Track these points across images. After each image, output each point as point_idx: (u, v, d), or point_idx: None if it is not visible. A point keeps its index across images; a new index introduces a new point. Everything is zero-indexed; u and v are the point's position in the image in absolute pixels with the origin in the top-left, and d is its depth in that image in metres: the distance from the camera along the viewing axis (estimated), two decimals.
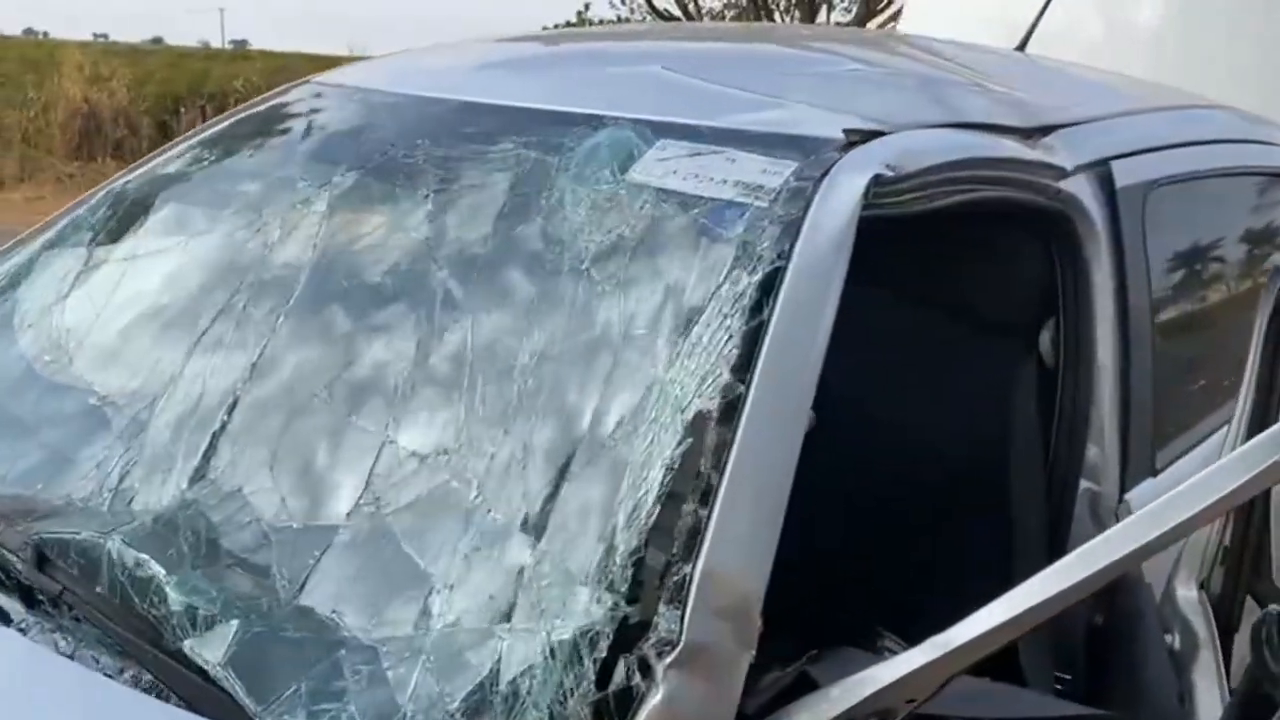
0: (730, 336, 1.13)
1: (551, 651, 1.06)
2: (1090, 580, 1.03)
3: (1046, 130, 1.66)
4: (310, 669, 1.10)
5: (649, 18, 14.70)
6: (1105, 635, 1.70)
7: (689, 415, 1.11)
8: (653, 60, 1.70)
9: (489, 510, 1.18)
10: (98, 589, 1.18)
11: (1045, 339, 1.77)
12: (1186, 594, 1.56)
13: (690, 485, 1.08)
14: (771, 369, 1.11)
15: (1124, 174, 1.72)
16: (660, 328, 1.18)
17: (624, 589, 1.06)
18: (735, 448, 1.08)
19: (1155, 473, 1.77)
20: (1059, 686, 1.66)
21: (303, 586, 1.19)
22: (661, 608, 1.04)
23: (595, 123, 1.41)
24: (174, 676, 1.10)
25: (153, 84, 15.18)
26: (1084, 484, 1.72)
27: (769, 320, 1.13)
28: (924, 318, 1.93)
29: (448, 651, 1.10)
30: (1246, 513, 1.51)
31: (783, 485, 1.10)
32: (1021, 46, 2.72)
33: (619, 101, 1.46)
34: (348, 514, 1.24)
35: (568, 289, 1.26)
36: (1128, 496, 1.72)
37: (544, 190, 1.35)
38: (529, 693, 1.05)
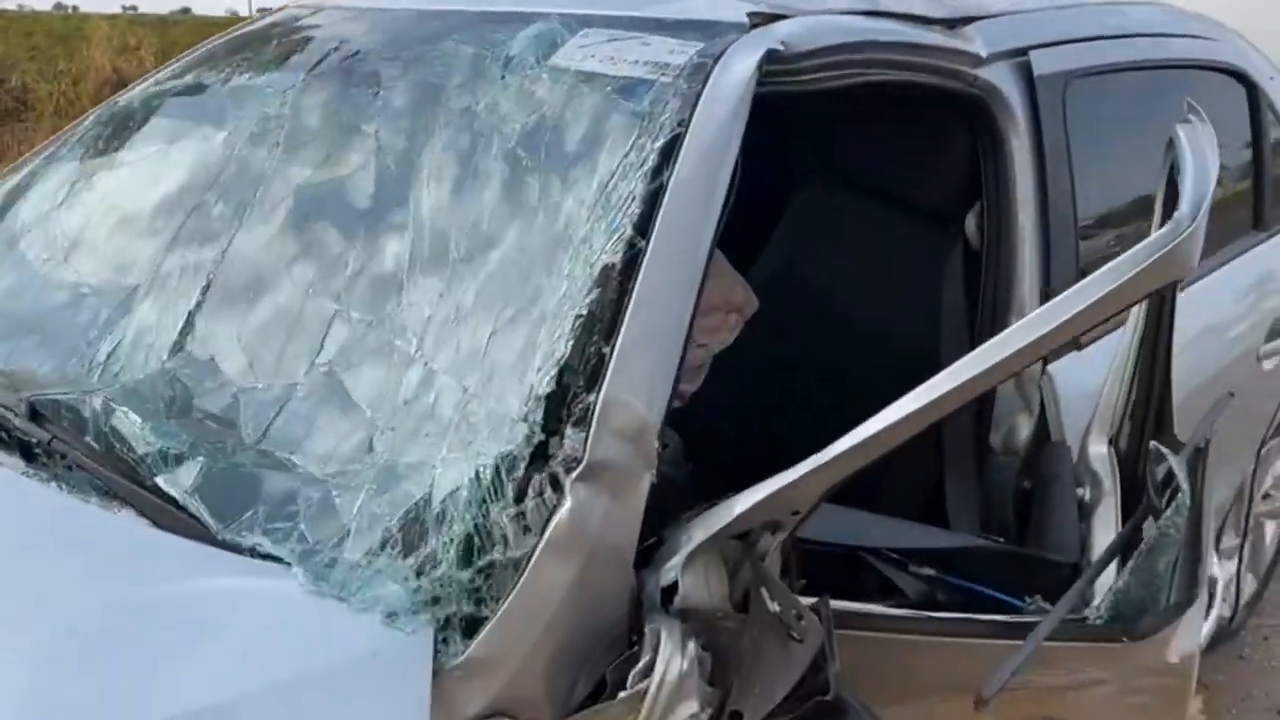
0: (634, 197, 1.26)
1: (477, 475, 1.20)
2: (949, 396, 1.15)
3: (965, 20, 1.76)
4: (267, 497, 1.25)
5: None
6: (1030, 497, 1.82)
7: (597, 268, 1.24)
8: None
9: (426, 362, 1.32)
10: (86, 439, 1.33)
11: (971, 222, 1.88)
12: (1098, 450, 1.68)
13: (595, 328, 1.21)
14: (669, 225, 1.24)
15: (1043, 64, 1.81)
16: (576, 194, 1.31)
17: (538, 418, 1.19)
18: (634, 294, 1.21)
19: (1079, 346, 1.88)
20: None
21: (264, 434, 1.34)
22: (569, 431, 1.18)
23: (526, 19, 1.54)
24: (150, 506, 1.25)
25: (179, 50, 15.33)
26: None
27: (668, 182, 1.25)
28: (863, 203, 2.04)
29: (388, 481, 1.24)
30: (1149, 372, 1.62)
31: (679, 328, 1.23)
32: None
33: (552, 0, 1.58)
34: (305, 373, 1.38)
35: (497, 166, 1.40)
36: (1050, 368, 1.83)
37: (478, 80, 1.48)
38: (457, 510, 1.19)
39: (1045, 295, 1.82)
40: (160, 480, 1.26)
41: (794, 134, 2.12)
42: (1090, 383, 1.76)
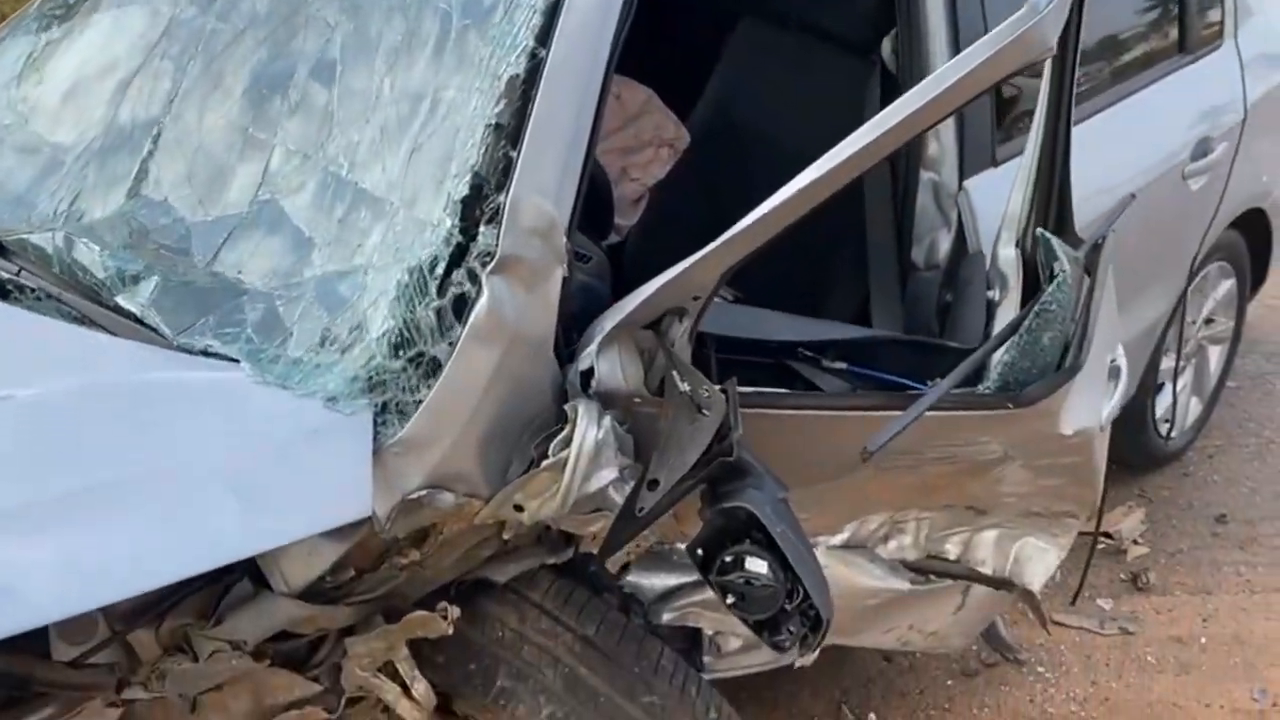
0: (535, 12, 1.35)
1: (405, 276, 1.32)
2: (825, 178, 1.25)
3: None
4: (217, 308, 1.37)
5: None
6: (950, 308, 1.94)
7: (503, 80, 1.34)
8: None
9: (357, 182, 1.43)
10: (53, 270, 1.45)
11: (887, 47, 1.97)
12: (1006, 253, 1.78)
13: (503, 135, 1.31)
14: (567, 36, 1.33)
15: None
16: (483, 12, 1.40)
17: (456, 221, 1.31)
18: (537, 101, 1.31)
19: (996, 164, 1.98)
20: None
21: (214, 258, 1.46)
22: (482, 228, 1.29)
23: None
24: (112, 323, 1.37)
25: None
26: (926, 174, 1.94)
27: None
28: (792, 38, 2.12)
29: (325, 288, 1.36)
30: (1049, 178, 1.72)
31: (581, 132, 1.33)
32: None
33: None
34: (249, 203, 1.50)
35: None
36: (967, 184, 1.94)
37: None
38: (388, 308, 1.31)
39: (960, 116, 1.92)
40: (120, 299, 1.38)
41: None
42: (1004, 196, 1.86)
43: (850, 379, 1.63)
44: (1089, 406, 1.64)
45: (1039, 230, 1.67)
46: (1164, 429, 2.91)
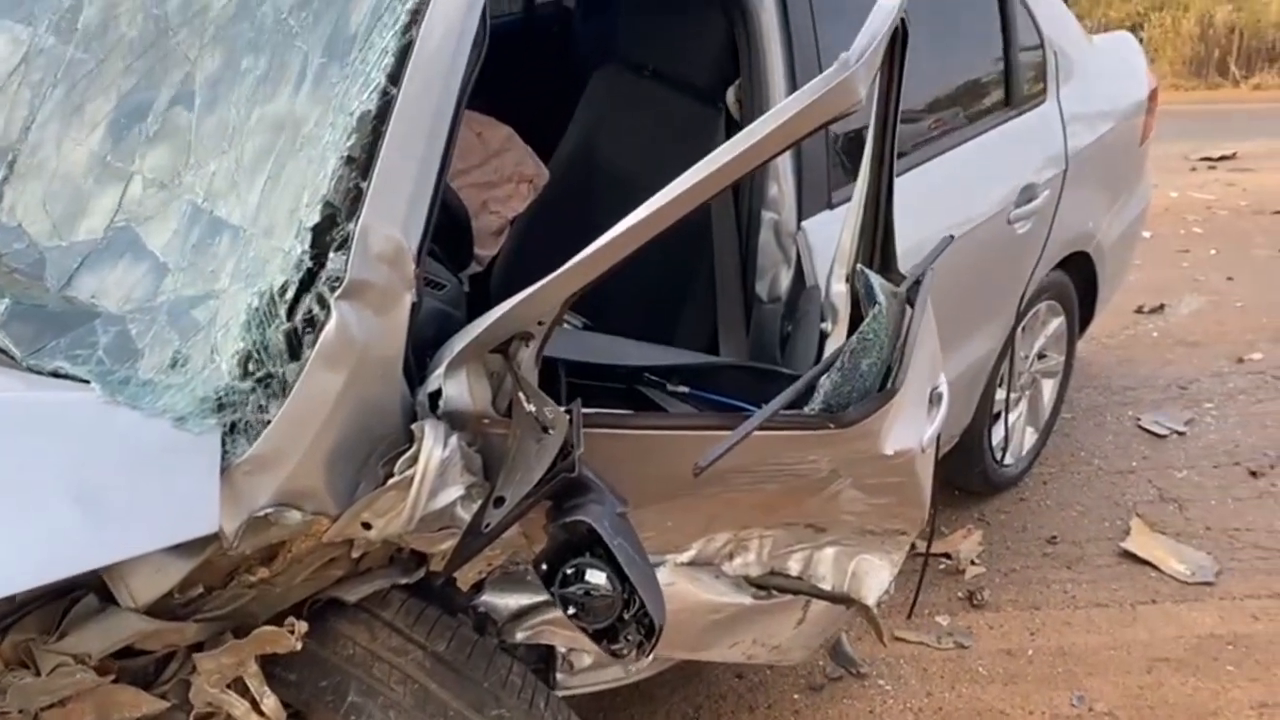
0: (387, 53, 1.43)
1: (256, 300, 1.37)
2: (658, 214, 1.35)
3: None
4: (68, 330, 1.40)
5: None
6: (790, 337, 2.07)
7: (355, 115, 1.41)
8: None
9: (213, 210, 1.47)
10: None
11: (731, 95, 2.10)
12: (837, 288, 1.92)
13: (354, 167, 1.38)
14: (416, 77, 1.41)
15: None
16: (339, 51, 1.47)
17: (307, 248, 1.37)
18: (387, 136, 1.39)
19: (831, 206, 2.13)
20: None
21: (68, 282, 1.48)
22: (332, 255, 1.35)
23: None
24: None
25: None
26: (767, 214, 2.07)
27: (418, 37, 1.42)
28: (646, 83, 2.24)
29: (178, 312, 1.40)
30: (874, 219, 1.87)
31: (430, 164, 1.41)
32: None
33: None
34: (105, 229, 1.53)
35: (271, 35, 1.54)
36: (805, 224, 2.08)
37: None
38: (238, 331, 1.36)
39: (798, 161, 2.06)
40: None
41: (587, 20, 2.30)
42: (838, 235, 2.00)
43: (692, 401, 1.74)
44: (909, 429, 1.77)
45: (860, 267, 1.80)
46: (1001, 454, 3.10)
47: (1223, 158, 7.67)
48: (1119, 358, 4.17)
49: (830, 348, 1.83)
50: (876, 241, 1.88)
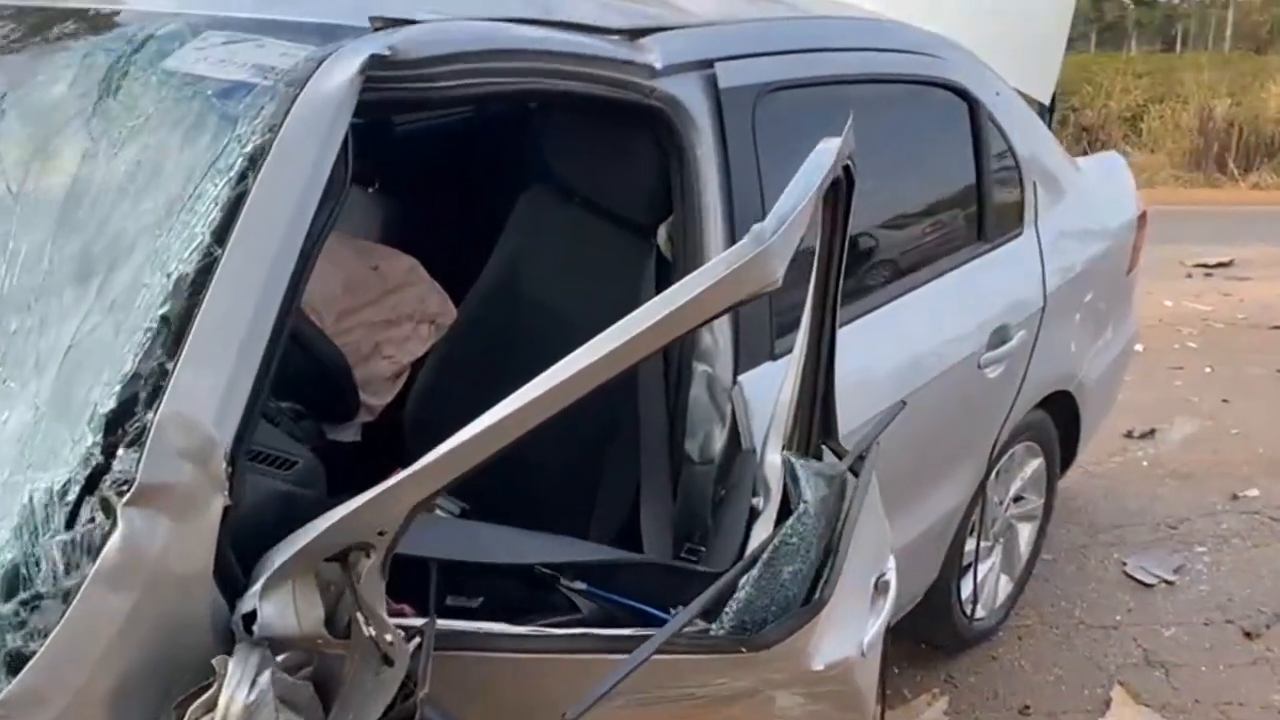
0: (216, 205, 1.21)
1: (31, 499, 1.13)
2: (521, 414, 1.12)
3: (644, 32, 1.75)
4: None
5: None
6: (721, 506, 1.83)
7: (172, 278, 1.18)
8: None
9: (4, 381, 1.24)
10: None
11: (662, 233, 1.88)
12: (773, 458, 1.68)
13: (162, 340, 1.15)
14: (247, 234, 1.19)
15: (730, 76, 1.82)
16: (164, 200, 1.25)
17: (98, 439, 1.13)
18: (205, 304, 1.16)
19: (774, 357, 1.89)
20: (691, 557, 1.77)
21: None
22: (121, 450, 1.11)
23: (157, 19, 1.47)
24: None
25: None
26: (700, 366, 1.84)
27: (250, 189, 1.20)
28: (575, 210, 2.02)
29: None
30: (812, 382, 1.64)
31: (257, 340, 1.18)
32: None
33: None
34: None
35: (99, 173, 1.33)
36: (742, 378, 1.84)
37: (94, 84, 1.41)
38: (6, 536, 1.12)
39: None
40: None
41: (511, 144, 2.10)
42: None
43: (589, 599, 1.49)
44: (843, 638, 1.52)
45: (785, 453, 1.57)
46: (971, 609, 2.84)
47: (1219, 264, 7.50)
48: (1105, 489, 3.92)
49: (758, 532, 1.58)
50: (816, 407, 1.65)
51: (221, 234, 1.19)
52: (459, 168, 2.55)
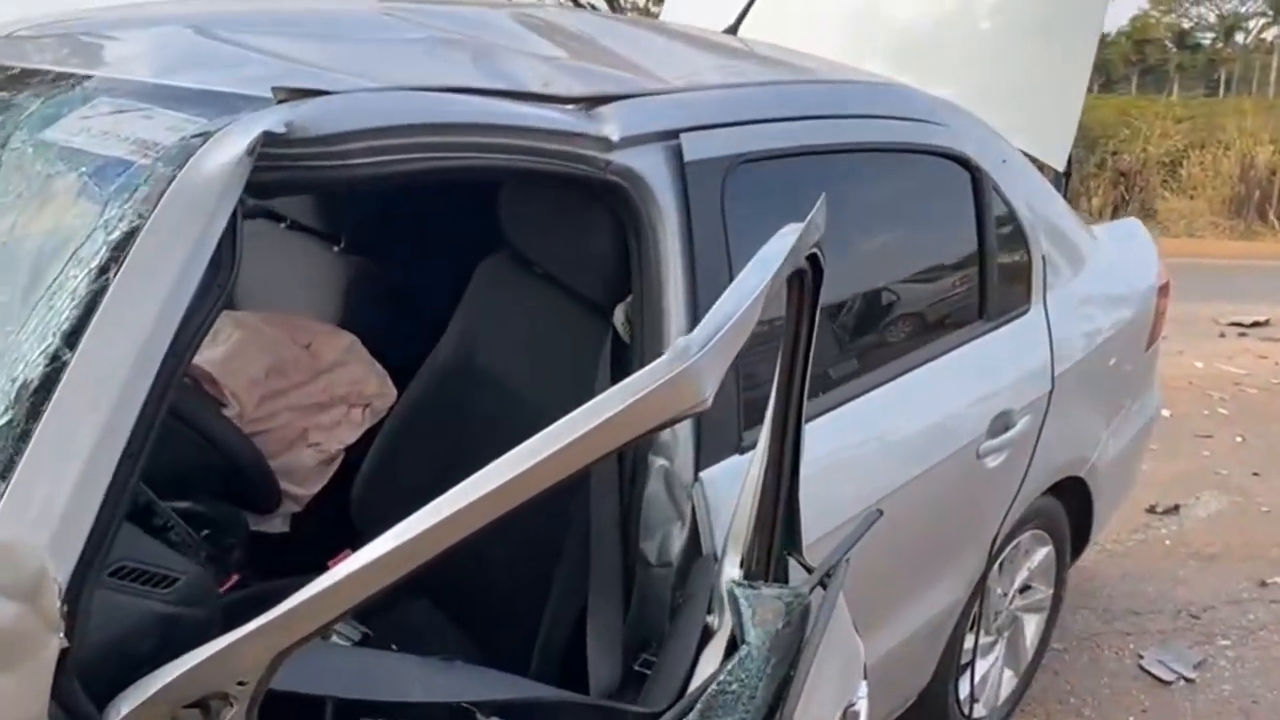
0: (74, 300, 1.07)
1: None
2: (394, 559, 0.97)
3: (602, 100, 1.61)
4: None
5: None
6: (679, 613, 1.66)
7: (16, 385, 1.04)
8: (198, 21, 1.63)
9: None
10: None
11: (619, 314, 1.73)
12: (731, 572, 1.52)
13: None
14: (102, 334, 1.04)
15: (696, 148, 1.67)
16: (21, 293, 1.11)
17: None
18: (45, 418, 1.02)
19: (742, 450, 1.73)
20: (646, 669, 1.61)
21: None
22: None
23: (61, 82, 1.35)
24: None
25: None
26: (657, 460, 1.68)
27: (110, 284, 1.06)
28: (534, 285, 1.88)
29: None
30: (774, 489, 1.47)
31: (107, 457, 1.03)
32: (733, 30, 2.70)
33: (100, 61, 1.40)
34: None
35: None
36: (704, 474, 1.68)
37: None
38: None
39: None
40: None
41: (485, 199, 1.95)
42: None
43: None
44: None
45: (730, 583, 1.41)
46: (970, 708, 2.64)
47: (1255, 324, 7.26)
48: (1124, 570, 3.70)
49: (707, 660, 1.42)
50: (778, 513, 1.48)
51: (73, 335, 1.05)
52: (429, 224, 2.41)
